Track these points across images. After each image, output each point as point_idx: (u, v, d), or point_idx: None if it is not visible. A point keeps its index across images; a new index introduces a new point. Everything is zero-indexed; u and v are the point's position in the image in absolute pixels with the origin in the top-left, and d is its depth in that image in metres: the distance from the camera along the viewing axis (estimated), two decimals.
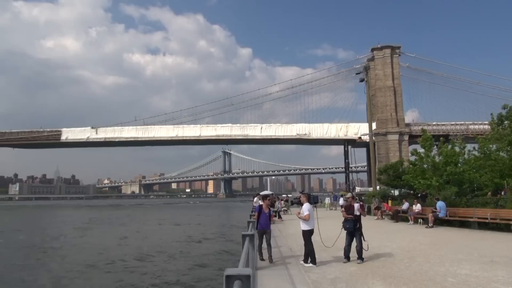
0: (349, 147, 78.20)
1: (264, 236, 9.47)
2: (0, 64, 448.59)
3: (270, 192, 34.75)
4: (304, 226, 9.12)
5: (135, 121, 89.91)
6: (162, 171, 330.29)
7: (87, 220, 48.38)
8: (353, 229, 9.40)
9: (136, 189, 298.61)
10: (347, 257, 9.36)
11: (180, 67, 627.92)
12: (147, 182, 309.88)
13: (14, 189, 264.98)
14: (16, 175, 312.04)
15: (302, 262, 9.09)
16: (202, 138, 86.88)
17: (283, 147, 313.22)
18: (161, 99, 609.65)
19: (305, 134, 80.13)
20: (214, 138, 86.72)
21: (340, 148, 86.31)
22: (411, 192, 28.31)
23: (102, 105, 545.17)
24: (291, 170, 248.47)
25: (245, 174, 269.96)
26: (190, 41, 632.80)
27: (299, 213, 9.33)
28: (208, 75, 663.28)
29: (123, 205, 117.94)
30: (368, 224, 19.33)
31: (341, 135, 78.50)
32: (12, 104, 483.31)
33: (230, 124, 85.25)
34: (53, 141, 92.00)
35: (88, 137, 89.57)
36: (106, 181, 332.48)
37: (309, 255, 9.02)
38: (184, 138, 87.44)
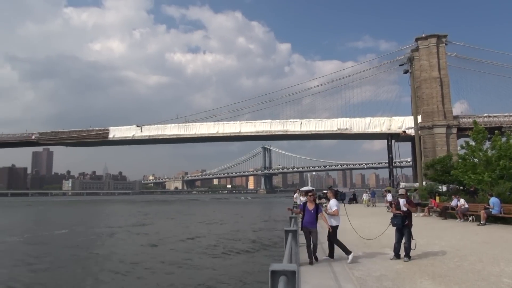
0: (393, 141, 75.63)
1: (310, 235, 8.83)
2: (53, 67, 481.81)
3: (311, 188, 34.40)
4: (332, 222, 9.13)
5: (177, 119, 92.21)
6: (204, 168, 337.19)
7: (138, 214, 50.66)
8: (401, 225, 9.09)
9: (179, 185, 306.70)
10: (396, 254, 9.10)
11: (220, 64, 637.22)
12: (190, 178, 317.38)
13: (67, 185, 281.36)
14: (68, 172, 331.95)
15: (327, 256, 9.20)
16: (242, 134, 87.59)
17: (324, 142, 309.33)
18: (202, 97, 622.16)
19: (346, 129, 78.49)
20: (253, 134, 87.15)
21: (383, 143, 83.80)
22: (461, 187, 26.98)
23: (146, 104, 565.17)
24: (332, 166, 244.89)
25: (285, 170, 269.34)
26: (229, 39, 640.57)
27: (327, 209, 9.36)
28: (247, 71, 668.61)
29: (173, 200, 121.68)
30: (414, 221, 18.68)
31: (384, 129, 76.16)
32: (64, 105, 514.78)
33: (269, 120, 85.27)
34: (101, 139, 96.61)
35: (133, 135, 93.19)
36: (151, 177, 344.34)
37: (336, 248, 9.08)
38: (224, 134, 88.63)
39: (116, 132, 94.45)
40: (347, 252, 8.93)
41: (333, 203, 9.23)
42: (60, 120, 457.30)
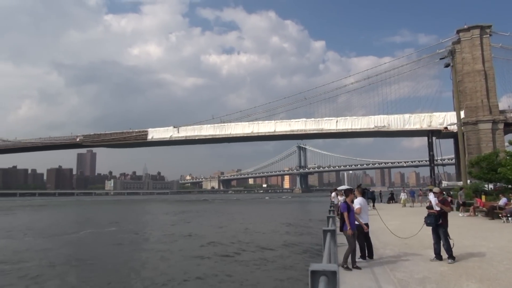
0: (434, 138, 72.86)
1: (356, 237, 8.53)
2: (95, 73, 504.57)
3: (348, 187, 33.84)
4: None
5: (212, 119, 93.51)
6: (239, 167, 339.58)
7: (180, 213, 51.93)
8: (435, 224, 8.80)
9: (215, 184, 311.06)
10: (436, 255, 8.78)
11: (254, 64, 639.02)
12: (226, 178, 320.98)
13: (109, 185, 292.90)
14: (110, 172, 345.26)
15: (360, 259, 8.89)
16: (277, 133, 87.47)
17: (361, 140, 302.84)
18: (236, 97, 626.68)
19: (384, 126, 76.43)
20: (288, 133, 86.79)
21: (424, 140, 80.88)
22: (509, 186, 25.56)
23: (183, 105, 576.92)
24: (369, 164, 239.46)
25: (321, 168, 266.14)
26: (263, 38, 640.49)
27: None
28: (282, 70, 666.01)
29: (212, 199, 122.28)
30: (459, 221, 17.92)
31: (424, 125, 73.48)
32: (106, 108, 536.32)
33: (304, 119, 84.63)
34: (140, 141, 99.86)
35: (171, 136, 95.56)
36: (188, 177, 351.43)
37: (361, 250, 8.86)
38: (259, 134, 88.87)
39: (155, 134, 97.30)
40: (363, 255, 8.88)
41: (356, 201, 9.02)
42: (102, 123, 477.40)
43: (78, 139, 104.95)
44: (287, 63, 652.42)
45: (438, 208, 8.80)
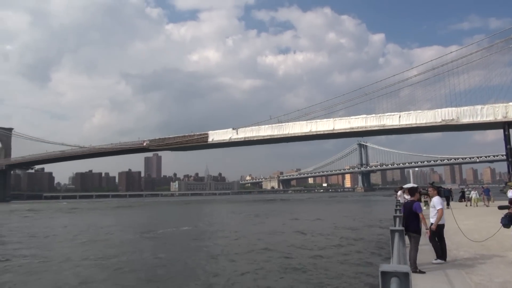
0: (511, 130, 66.89)
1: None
2: (159, 80, 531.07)
3: (415, 185, 32.16)
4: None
5: (270, 120, 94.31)
6: (298, 167, 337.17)
7: (249, 213, 52.18)
8: (509, 225, 8.09)
9: (275, 184, 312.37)
10: None
11: (311, 63, 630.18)
12: (285, 177, 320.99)
13: (174, 186, 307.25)
14: (175, 174, 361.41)
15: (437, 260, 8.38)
16: (336, 131, 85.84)
17: (427, 135, 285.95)
18: (294, 97, 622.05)
19: (453, 120, 71.66)
20: (348, 131, 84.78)
21: (499, 133, 74.45)
22: None
23: (241, 107, 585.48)
24: (437, 161, 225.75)
25: (384, 166, 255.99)
26: (319, 36, 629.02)
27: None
28: (339, 67, 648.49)
29: (279, 199, 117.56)
30: None
31: (499, 117, 67.68)
32: (169, 114, 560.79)
33: (364, 115, 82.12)
34: (202, 143, 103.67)
35: (230, 137, 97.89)
36: (248, 178, 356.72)
37: (435, 250, 8.35)
38: (318, 132, 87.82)
39: (215, 136, 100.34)
40: (441, 256, 8.36)
41: (436, 201, 8.53)
42: (167, 128, 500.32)
43: (145, 144, 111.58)
44: (344, 59, 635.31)
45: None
